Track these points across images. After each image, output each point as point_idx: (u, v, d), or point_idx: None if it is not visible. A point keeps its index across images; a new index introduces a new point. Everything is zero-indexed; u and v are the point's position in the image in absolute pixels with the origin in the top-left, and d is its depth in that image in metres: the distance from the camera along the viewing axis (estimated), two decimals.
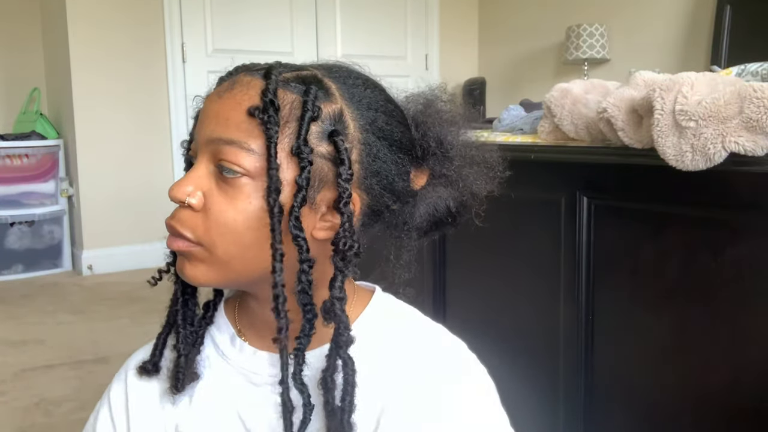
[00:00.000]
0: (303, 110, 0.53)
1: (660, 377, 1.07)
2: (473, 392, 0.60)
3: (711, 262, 0.97)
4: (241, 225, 0.54)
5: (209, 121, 0.55)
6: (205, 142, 0.55)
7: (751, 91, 0.86)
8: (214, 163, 0.55)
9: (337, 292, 0.54)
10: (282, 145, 0.54)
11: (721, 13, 2.90)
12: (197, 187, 0.55)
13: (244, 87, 0.55)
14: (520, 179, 1.37)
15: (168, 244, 0.57)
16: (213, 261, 0.55)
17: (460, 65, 4.43)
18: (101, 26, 3.38)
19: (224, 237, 0.54)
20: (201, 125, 0.56)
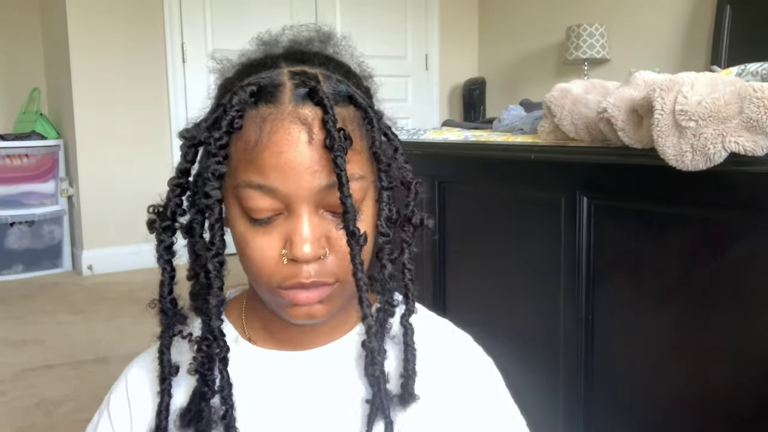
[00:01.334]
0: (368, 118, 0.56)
1: (660, 377, 1.07)
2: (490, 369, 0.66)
3: (711, 262, 0.97)
4: (372, 233, 0.57)
5: (310, 173, 0.52)
6: (313, 193, 0.52)
7: (751, 91, 0.86)
8: (323, 208, 0.54)
9: (409, 263, 0.59)
10: (364, 157, 0.56)
11: (721, 13, 2.90)
12: (322, 237, 0.54)
13: (317, 122, 0.52)
14: (520, 179, 1.37)
15: (303, 300, 0.54)
16: (344, 290, 0.56)
17: (460, 65, 4.43)
18: (101, 26, 3.38)
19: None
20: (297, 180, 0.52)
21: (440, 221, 1.58)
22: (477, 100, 4.19)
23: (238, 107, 0.53)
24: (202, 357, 0.56)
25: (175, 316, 0.59)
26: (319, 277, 0.53)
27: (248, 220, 0.54)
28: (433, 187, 1.58)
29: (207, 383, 0.57)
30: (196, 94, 3.65)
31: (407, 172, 0.59)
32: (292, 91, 0.53)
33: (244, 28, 3.72)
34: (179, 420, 0.58)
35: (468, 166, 1.51)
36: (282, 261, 0.53)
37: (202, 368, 0.57)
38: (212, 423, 0.57)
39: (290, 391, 0.60)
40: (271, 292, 0.55)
